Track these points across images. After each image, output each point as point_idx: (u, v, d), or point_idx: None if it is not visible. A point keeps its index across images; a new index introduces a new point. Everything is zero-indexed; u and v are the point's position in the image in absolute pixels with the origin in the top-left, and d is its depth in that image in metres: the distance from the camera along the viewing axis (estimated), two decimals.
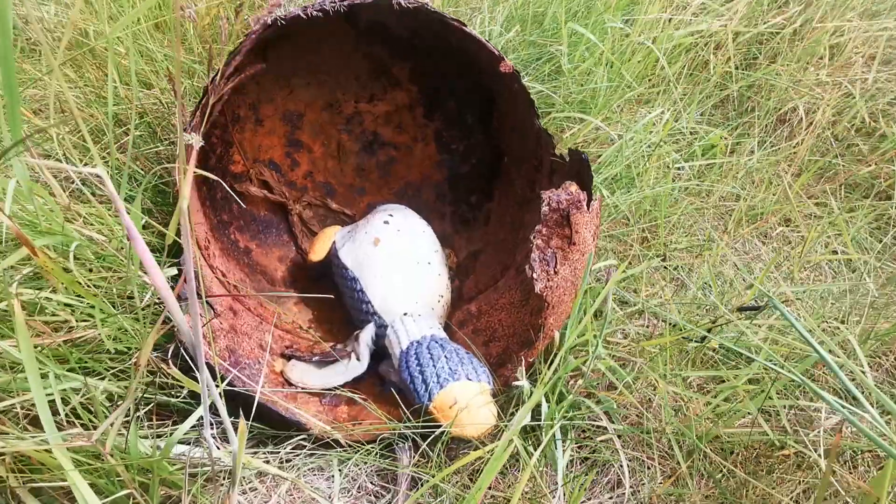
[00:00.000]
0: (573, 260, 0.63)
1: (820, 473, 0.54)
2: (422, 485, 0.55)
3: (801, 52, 1.10)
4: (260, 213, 0.93)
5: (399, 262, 0.79)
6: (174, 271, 0.59)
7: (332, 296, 0.82)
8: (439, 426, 0.55)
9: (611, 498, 0.64)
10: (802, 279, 0.67)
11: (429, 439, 0.56)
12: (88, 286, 0.54)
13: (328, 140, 0.97)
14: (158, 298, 0.56)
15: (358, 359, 0.74)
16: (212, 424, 0.50)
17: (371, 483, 0.57)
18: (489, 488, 0.55)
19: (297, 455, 0.56)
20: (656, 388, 0.60)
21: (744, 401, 0.54)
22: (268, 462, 0.52)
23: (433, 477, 0.46)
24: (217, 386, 0.43)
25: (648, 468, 0.64)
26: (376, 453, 0.59)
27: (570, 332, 0.54)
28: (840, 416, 0.53)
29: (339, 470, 0.55)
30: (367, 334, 0.76)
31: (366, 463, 0.58)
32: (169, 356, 0.53)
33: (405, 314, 0.75)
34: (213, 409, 0.59)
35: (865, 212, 0.87)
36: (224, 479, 0.47)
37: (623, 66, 0.94)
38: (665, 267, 0.80)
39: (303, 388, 0.68)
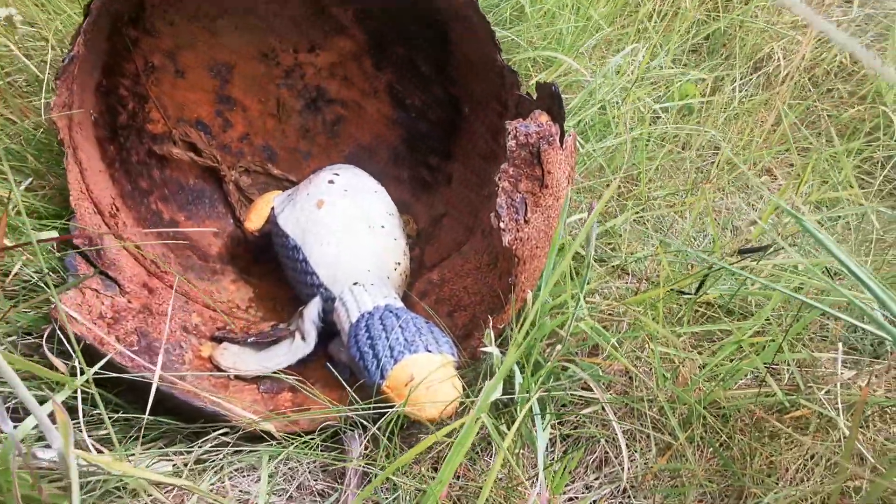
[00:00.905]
0: (546, 206, 0.53)
1: (836, 436, 0.47)
2: (371, 479, 0.46)
3: None
4: (188, 180, 0.82)
5: (347, 225, 0.69)
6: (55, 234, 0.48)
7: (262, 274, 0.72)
8: (391, 407, 0.46)
9: (597, 479, 0.56)
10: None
11: (381, 424, 0.46)
12: None
13: (265, 96, 0.86)
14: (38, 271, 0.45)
15: (303, 338, 0.64)
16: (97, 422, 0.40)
17: (315, 480, 0.47)
18: (456, 478, 0.46)
19: (219, 453, 0.45)
20: (645, 351, 0.52)
21: (748, 358, 0.47)
22: (176, 466, 0.42)
23: (384, 469, 0.37)
24: (83, 372, 0.32)
25: (638, 441, 0.55)
26: (318, 445, 0.49)
27: (545, 292, 0.45)
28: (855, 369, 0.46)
29: (276, 467, 0.46)
30: (312, 310, 0.65)
31: (307, 457, 0.48)
32: (44, 340, 0.42)
33: (355, 284, 0.65)
34: (120, 406, 0.48)
35: (853, 154, 0.80)
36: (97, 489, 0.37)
37: (590, 6, 0.85)
38: (644, 221, 0.72)
39: (235, 374, 0.58)
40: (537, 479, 0.40)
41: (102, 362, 0.40)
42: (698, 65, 0.96)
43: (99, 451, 0.37)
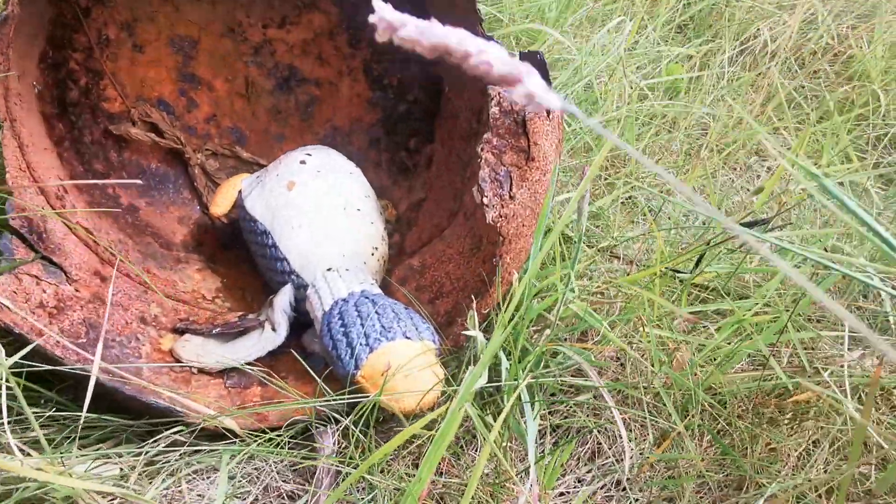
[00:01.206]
0: (532, 181, 0.50)
1: (840, 420, 0.44)
2: (344, 478, 0.42)
3: None
4: (150, 164, 0.76)
5: (320, 208, 0.64)
6: None
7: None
8: (365, 398, 0.42)
9: (589, 471, 0.53)
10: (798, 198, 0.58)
11: (356, 417, 0.42)
12: None
13: (233, 75, 0.81)
14: None
15: (273, 329, 0.59)
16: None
17: (282, 481, 0.43)
18: (439, 474, 0.42)
19: (174, 454, 0.41)
20: (637, 335, 0.49)
21: (748, 339, 0.44)
22: (123, 470, 0.37)
23: (359, 467, 0.33)
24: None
25: (631, 430, 0.52)
26: (286, 443, 0.44)
27: (532, 272, 0.41)
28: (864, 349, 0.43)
29: (239, 468, 0.41)
30: (283, 298, 0.61)
31: (273, 455, 0.44)
32: None
33: (329, 270, 0.60)
34: (62, 405, 0.43)
35: (847, 127, 0.78)
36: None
37: None
38: (633, 201, 0.69)
39: (198, 368, 0.53)
40: (528, 475, 0.36)
41: (24, 352, 0.35)
42: (684, 44, 0.93)
43: (29, 455, 0.33)
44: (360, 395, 0.43)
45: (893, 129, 0.81)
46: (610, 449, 0.53)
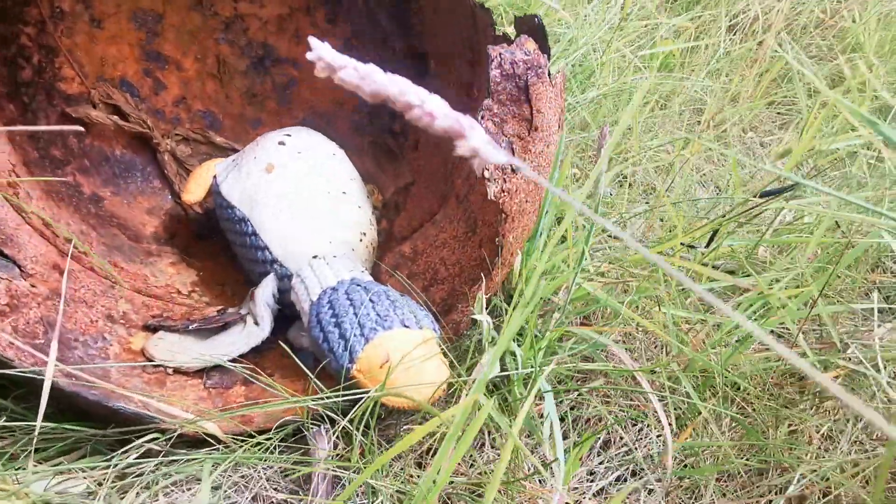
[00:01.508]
0: (535, 153, 0.46)
1: (868, 396, 0.42)
2: (344, 484, 0.37)
3: None
4: (114, 150, 0.70)
5: (302, 192, 0.59)
6: None
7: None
8: (365, 394, 0.37)
9: (602, 462, 0.49)
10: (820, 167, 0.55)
11: (354, 416, 0.38)
12: None
13: (202, 53, 0.75)
14: None
15: (256, 323, 0.55)
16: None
17: (273, 490, 0.39)
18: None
19: (148, 464, 0.36)
20: (652, 316, 0.46)
21: (765, 317, 0.41)
22: (89, 487, 0.33)
23: (363, 471, 0.29)
24: None
25: (645, 417, 0.49)
26: (276, 447, 0.40)
27: (546, 252, 0.37)
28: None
29: (224, 476, 0.37)
30: (266, 290, 0.56)
31: (262, 461, 0.39)
32: None
33: (315, 258, 0.56)
34: (18, 415, 0.38)
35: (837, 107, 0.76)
36: None
37: None
38: (634, 179, 0.66)
39: (173, 367, 0.48)
40: (546, 472, 0.32)
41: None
42: (678, 15, 0.90)
43: None
44: (358, 391, 0.39)
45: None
46: (621, 439, 0.50)
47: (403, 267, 0.67)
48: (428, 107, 0.19)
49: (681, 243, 0.44)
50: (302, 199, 0.59)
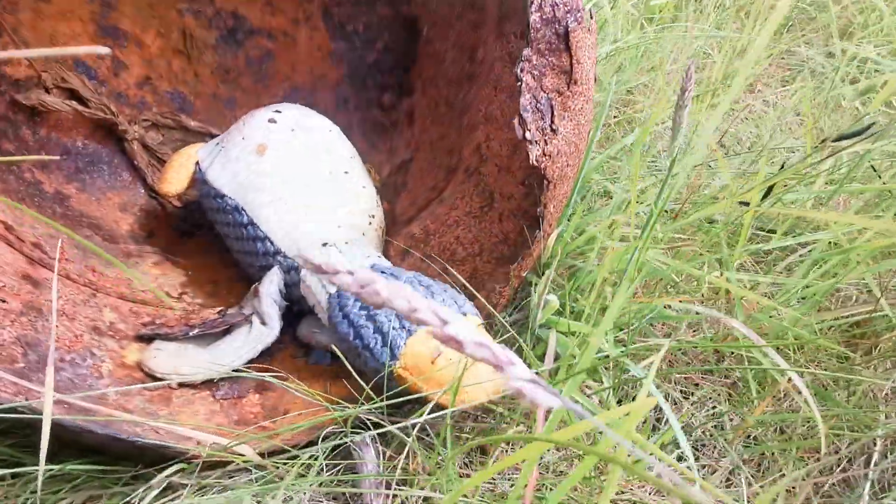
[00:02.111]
0: (575, 110, 0.41)
1: None
2: (404, 502, 0.32)
3: None
4: (75, 141, 0.62)
5: (301, 173, 0.53)
6: None
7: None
8: (418, 397, 0.32)
9: (650, 440, 0.46)
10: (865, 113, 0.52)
11: (418, 423, 0.33)
12: None
13: (166, 28, 0.67)
14: None
15: (263, 322, 0.49)
16: None
17: None
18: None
19: (176, 498, 0.30)
20: (708, 282, 0.42)
21: (846, 269, 0.38)
22: None
23: (447, 491, 0.24)
24: None
25: (716, 391, 0.45)
26: (320, 464, 0.35)
27: (570, 224, 0.33)
28: None
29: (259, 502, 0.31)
30: (271, 285, 0.50)
31: (305, 481, 0.34)
32: None
33: (325, 245, 0.50)
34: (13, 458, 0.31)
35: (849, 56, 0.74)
36: None
37: None
38: (653, 143, 0.62)
39: (178, 381, 0.42)
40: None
41: None
42: None
43: None
44: (409, 394, 0.34)
45: None
46: (665, 417, 0.46)
47: (415, 249, 0.62)
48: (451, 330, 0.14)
49: (740, 203, 0.40)
50: (301, 181, 0.53)
